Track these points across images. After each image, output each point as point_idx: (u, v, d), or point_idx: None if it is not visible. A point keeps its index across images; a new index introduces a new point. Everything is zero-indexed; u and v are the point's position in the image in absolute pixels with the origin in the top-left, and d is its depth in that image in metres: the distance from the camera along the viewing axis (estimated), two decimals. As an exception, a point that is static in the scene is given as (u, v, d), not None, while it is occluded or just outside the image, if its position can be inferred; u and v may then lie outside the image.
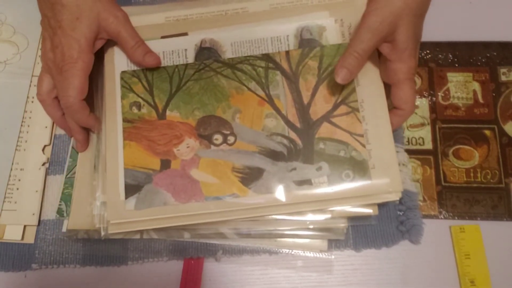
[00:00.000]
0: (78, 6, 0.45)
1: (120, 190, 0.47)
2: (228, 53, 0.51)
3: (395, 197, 0.46)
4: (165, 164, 0.47)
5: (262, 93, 0.49)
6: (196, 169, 0.47)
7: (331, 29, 0.50)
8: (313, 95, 0.49)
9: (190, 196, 0.46)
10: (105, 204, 0.47)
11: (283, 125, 0.48)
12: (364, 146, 0.47)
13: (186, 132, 0.48)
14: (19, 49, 0.55)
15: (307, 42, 0.50)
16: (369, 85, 0.48)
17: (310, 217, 0.47)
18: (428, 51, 0.55)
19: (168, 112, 0.49)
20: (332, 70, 0.48)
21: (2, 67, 0.55)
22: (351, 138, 0.47)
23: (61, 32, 0.45)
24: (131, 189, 0.47)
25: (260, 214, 0.46)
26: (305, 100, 0.49)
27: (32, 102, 0.53)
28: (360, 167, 0.46)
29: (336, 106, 0.48)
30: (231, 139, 0.48)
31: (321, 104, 0.48)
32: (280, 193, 0.46)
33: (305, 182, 0.46)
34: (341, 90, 0.48)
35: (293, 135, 0.48)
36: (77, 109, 0.46)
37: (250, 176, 0.47)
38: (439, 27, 0.56)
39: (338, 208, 0.46)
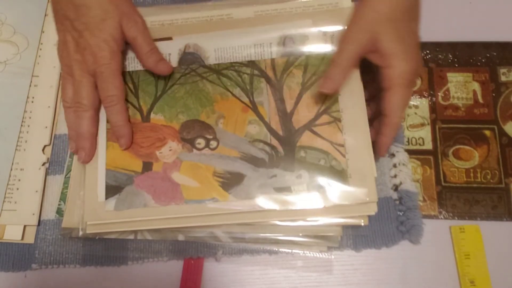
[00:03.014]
0: (103, 9, 0.46)
1: (99, 191, 0.47)
2: (212, 59, 0.51)
3: (371, 210, 0.46)
4: (147, 166, 0.48)
5: (246, 100, 0.49)
6: (177, 172, 0.47)
7: (314, 38, 0.50)
8: (296, 103, 0.49)
9: (170, 199, 0.46)
10: (83, 204, 0.47)
11: (266, 132, 0.48)
12: (344, 156, 0.47)
13: (169, 135, 0.48)
14: (19, 49, 0.55)
15: (290, 50, 0.50)
16: (349, 95, 0.48)
17: (302, 223, 0.47)
18: (428, 51, 0.55)
19: (152, 115, 0.49)
20: (316, 79, 0.49)
21: (2, 67, 0.55)
22: (331, 147, 0.47)
23: (88, 33, 0.46)
24: (111, 190, 0.47)
25: (239, 220, 0.46)
26: (288, 108, 0.49)
27: (32, 102, 0.53)
28: (339, 177, 0.46)
29: (318, 115, 0.48)
30: (213, 143, 0.48)
31: (304, 112, 0.49)
32: (259, 199, 0.46)
33: (285, 189, 0.46)
34: (324, 99, 0.49)
35: (275, 142, 0.48)
36: (120, 109, 0.47)
37: (230, 181, 0.47)
38: (439, 27, 0.56)
39: (317, 218, 0.46)
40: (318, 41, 0.50)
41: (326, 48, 0.50)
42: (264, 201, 0.46)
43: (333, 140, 0.48)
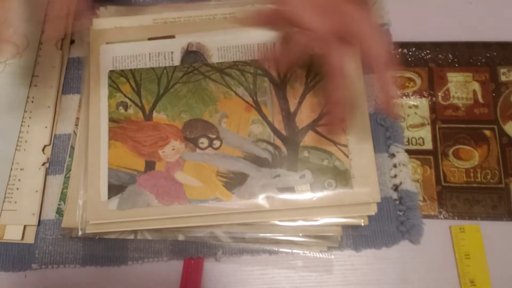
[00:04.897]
0: None
1: (102, 190, 0.47)
2: (215, 58, 0.51)
3: (371, 210, 0.46)
4: (150, 166, 0.48)
5: (249, 99, 0.49)
6: (180, 171, 0.47)
7: None
8: (299, 103, 0.49)
9: (173, 199, 0.46)
10: (85, 204, 0.47)
11: (269, 131, 0.48)
12: (347, 156, 0.47)
13: (172, 134, 0.48)
14: (19, 49, 0.55)
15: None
16: (352, 95, 0.49)
17: (302, 223, 0.47)
18: (428, 51, 0.55)
19: (155, 114, 0.49)
20: (319, 79, 0.49)
21: (2, 67, 0.55)
22: (335, 147, 0.48)
23: None
24: (114, 189, 0.47)
25: (243, 220, 0.47)
26: (292, 108, 0.49)
27: (32, 102, 0.53)
28: (342, 177, 0.47)
29: (321, 115, 0.49)
30: (216, 143, 0.48)
31: (307, 112, 0.49)
32: (262, 199, 0.46)
33: (288, 190, 0.47)
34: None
35: (278, 142, 0.48)
36: None
37: (234, 181, 0.47)
38: (439, 27, 0.56)
39: (320, 218, 0.47)
40: None
41: None
42: (267, 201, 0.46)
43: (336, 141, 0.48)
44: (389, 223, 0.49)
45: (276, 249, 0.48)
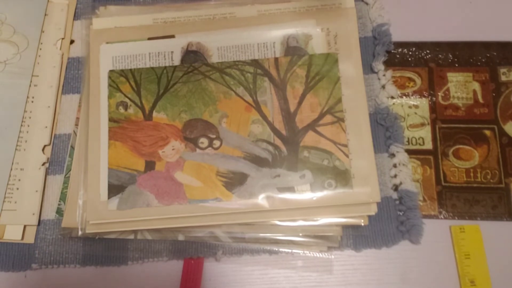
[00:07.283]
0: None
1: (102, 190, 0.47)
2: (215, 57, 0.51)
3: (371, 210, 0.46)
4: (150, 166, 0.48)
5: (249, 99, 0.49)
6: (180, 171, 0.47)
7: (317, 38, 0.51)
8: (299, 103, 0.49)
9: (173, 199, 0.46)
10: (85, 204, 0.47)
11: (269, 131, 0.48)
12: (347, 156, 0.47)
13: (172, 134, 0.48)
14: (19, 49, 0.55)
15: (293, 49, 0.51)
16: (352, 95, 0.49)
17: (302, 223, 0.47)
18: (428, 51, 0.55)
19: (154, 114, 0.49)
20: (319, 79, 0.49)
21: (2, 67, 0.55)
22: (335, 147, 0.48)
23: None
24: (114, 189, 0.47)
25: (243, 220, 0.47)
26: (292, 108, 0.49)
27: (32, 102, 0.53)
28: (342, 177, 0.47)
29: (321, 115, 0.49)
30: (216, 143, 0.48)
31: (307, 112, 0.49)
32: (262, 199, 0.46)
33: (288, 190, 0.47)
34: (328, 99, 0.49)
35: (278, 142, 0.48)
36: None
37: (234, 181, 0.47)
38: (439, 27, 0.56)
39: (320, 218, 0.47)
40: (321, 41, 0.50)
41: (330, 47, 0.50)
42: (267, 201, 0.46)
43: (336, 140, 0.48)
44: (389, 223, 0.49)
45: (276, 249, 0.48)
